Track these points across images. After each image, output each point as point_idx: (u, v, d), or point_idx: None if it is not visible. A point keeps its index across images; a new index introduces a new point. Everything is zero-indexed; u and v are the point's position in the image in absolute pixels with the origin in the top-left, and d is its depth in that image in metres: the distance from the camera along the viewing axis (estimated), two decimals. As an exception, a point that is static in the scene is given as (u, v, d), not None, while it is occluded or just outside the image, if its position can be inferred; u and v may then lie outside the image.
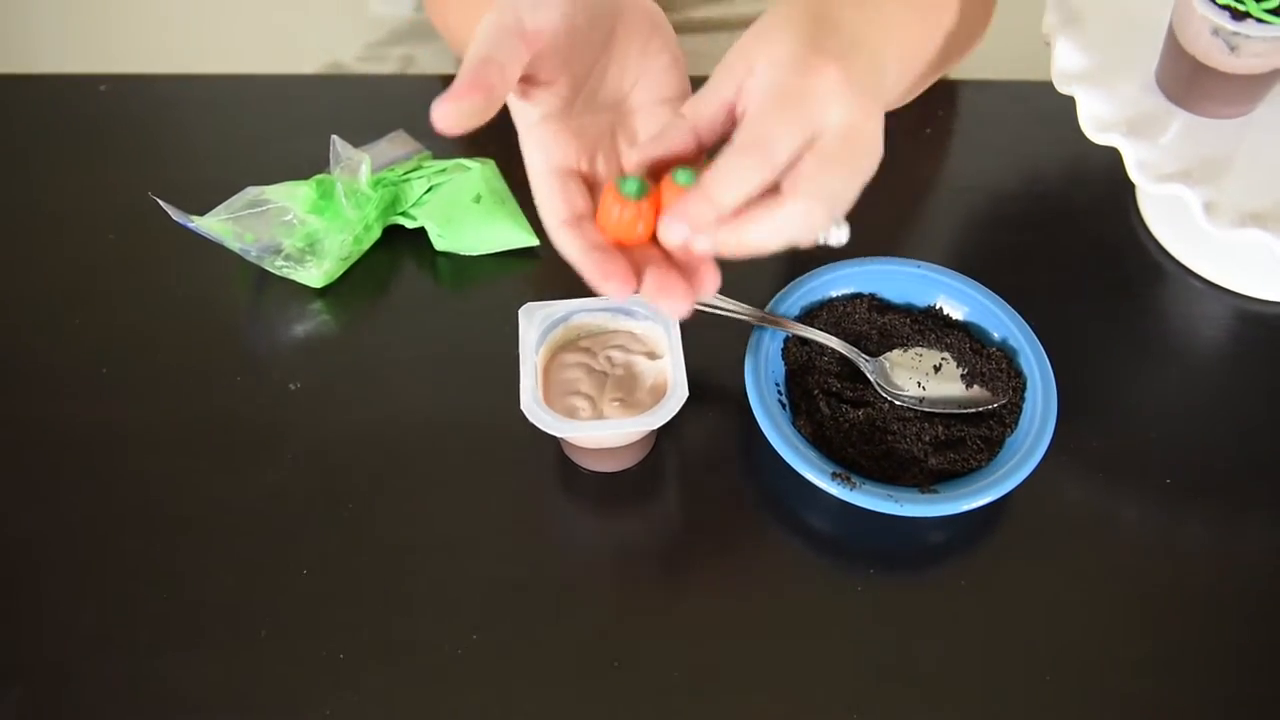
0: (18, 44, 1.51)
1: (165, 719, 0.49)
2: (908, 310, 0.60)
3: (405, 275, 0.65)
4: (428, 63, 0.93)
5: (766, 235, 0.40)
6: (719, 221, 0.40)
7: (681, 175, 0.42)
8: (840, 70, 0.40)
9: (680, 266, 0.42)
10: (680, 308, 0.41)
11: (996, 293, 0.59)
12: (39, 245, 0.67)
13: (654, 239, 0.43)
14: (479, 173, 0.65)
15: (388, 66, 0.95)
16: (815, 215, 0.40)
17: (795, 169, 0.40)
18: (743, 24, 0.86)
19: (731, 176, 0.40)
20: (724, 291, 0.57)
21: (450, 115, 0.38)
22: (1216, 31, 0.56)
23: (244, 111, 0.75)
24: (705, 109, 0.43)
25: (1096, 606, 0.52)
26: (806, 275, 0.60)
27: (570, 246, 0.42)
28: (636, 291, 0.41)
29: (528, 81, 0.43)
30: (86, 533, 0.54)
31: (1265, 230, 0.54)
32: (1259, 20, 0.54)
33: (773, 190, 0.40)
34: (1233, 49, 0.56)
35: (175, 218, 0.61)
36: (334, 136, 0.65)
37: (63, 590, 0.52)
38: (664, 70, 0.46)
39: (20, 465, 0.57)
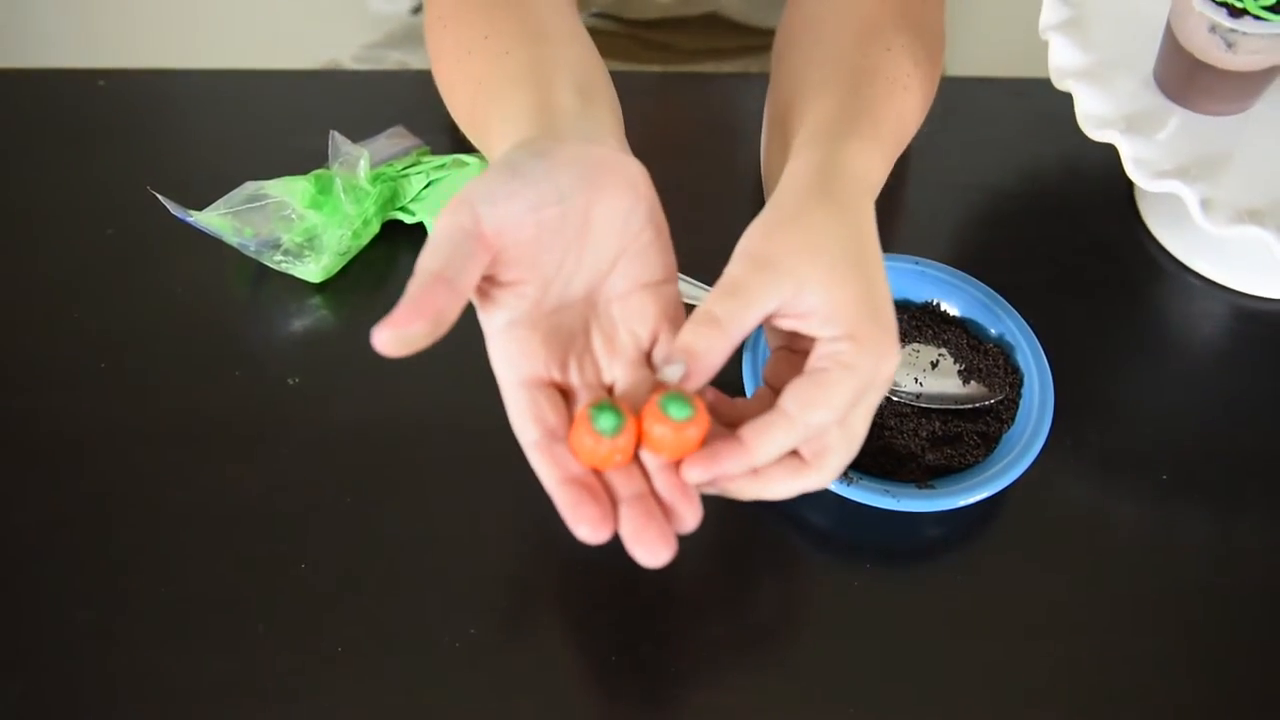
0: (17, 39, 1.51)
1: (165, 712, 0.49)
2: (905, 306, 0.60)
3: (404, 270, 0.65)
4: (425, 64, 0.93)
5: (782, 493, 0.40)
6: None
7: (675, 408, 0.38)
8: (896, 352, 0.41)
9: (660, 499, 0.39)
10: (660, 557, 0.37)
11: (994, 289, 0.59)
12: (37, 240, 0.67)
13: (634, 456, 0.40)
14: (477, 168, 0.65)
15: (386, 66, 0.95)
16: (829, 481, 0.41)
17: (822, 439, 0.40)
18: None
19: (776, 443, 0.39)
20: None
21: (390, 343, 0.36)
22: (1214, 28, 0.56)
23: (243, 107, 0.75)
24: (747, 323, 0.40)
25: (1092, 601, 0.52)
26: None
27: (543, 473, 0.39)
28: (614, 535, 0.38)
29: (490, 282, 0.40)
30: (85, 526, 0.54)
31: (1262, 227, 0.54)
32: (1256, 17, 0.54)
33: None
34: (1230, 46, 0.56)
35: (174, 212, 0.62)
36: (333, 131, 0.65)
37: (62, 584, 0.53)
38: (646, 248, 0.42)
39: (19, 459, 0.57)
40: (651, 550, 0.37)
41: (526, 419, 0.40)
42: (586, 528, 0.37)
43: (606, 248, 0.42)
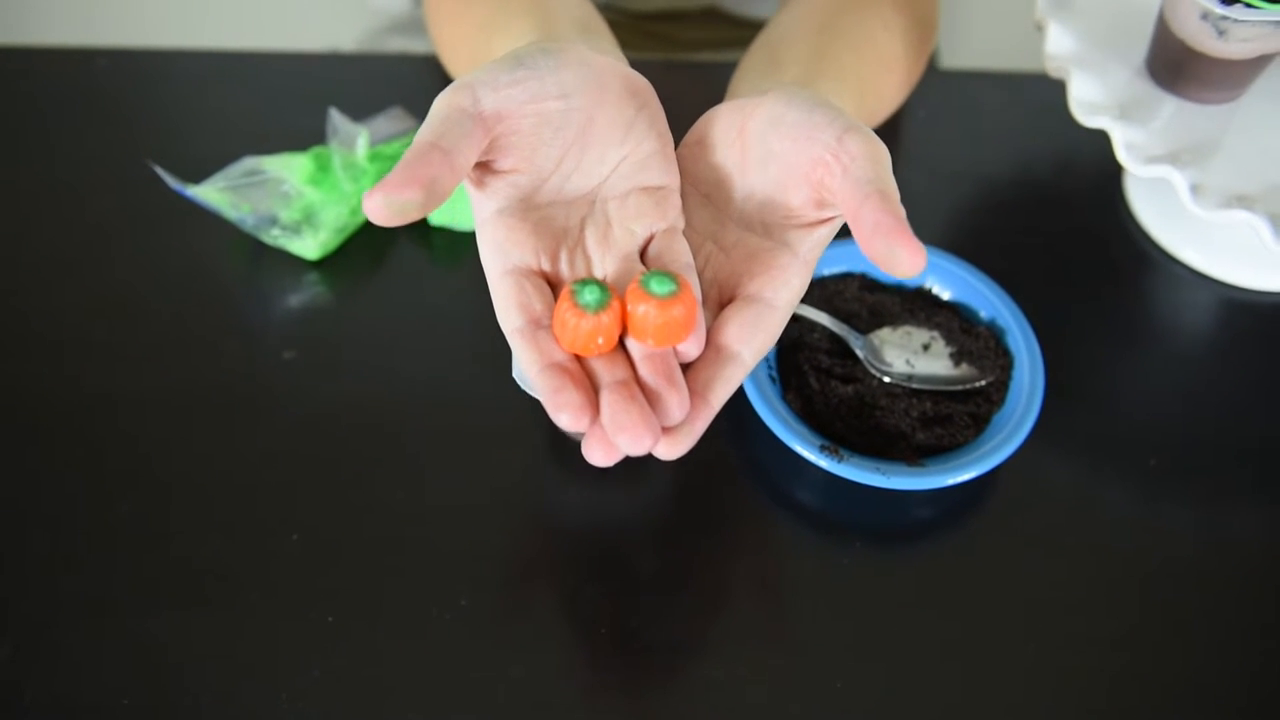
0: (20, 17, 1.51)
1: (154, 679, 0.49)
2: (898, 289, 0.61)
3: (400, 249, 0.66)
4: (425, 50, 0.94)
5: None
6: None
7: (657, 283, 0.37)
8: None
9: (645, 388, 0.37)
10: (643, 443, 0.35)
11: (986, 276, 0.60)
12: (37, 213, 0.67)
13: (620, 344, 0.38)
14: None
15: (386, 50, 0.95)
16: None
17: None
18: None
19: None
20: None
21: (381, 209, 0.34)
22: (1205, 16, 0.56)
23: (244, 87, 0.75)
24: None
25: (1078, 582, 0.53)
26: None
27: (524, 359, 0.37)
28: (594, 422, 0.36)
29: (484, 168, 0.39)
30: (79, 495, 0.55)
31: (1251, 211, 0.54)
32: (1247, 5, 0.55)
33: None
34: (1221, 33, 0.56)
35: (171, 185, 0.62)
36: (331, 109, 0.65)
37: (54, 551, 0.53)
38: (648, 158, 0.42)
39: (14, 427, 0.57)
40: (634, 435, 0.35)
41: (511, 306, 0.38)
42: (567, 415, 0.35)
43: (607, 153, 0.41)
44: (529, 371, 0.37)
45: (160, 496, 0.55)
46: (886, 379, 0.56)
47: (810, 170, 0.40)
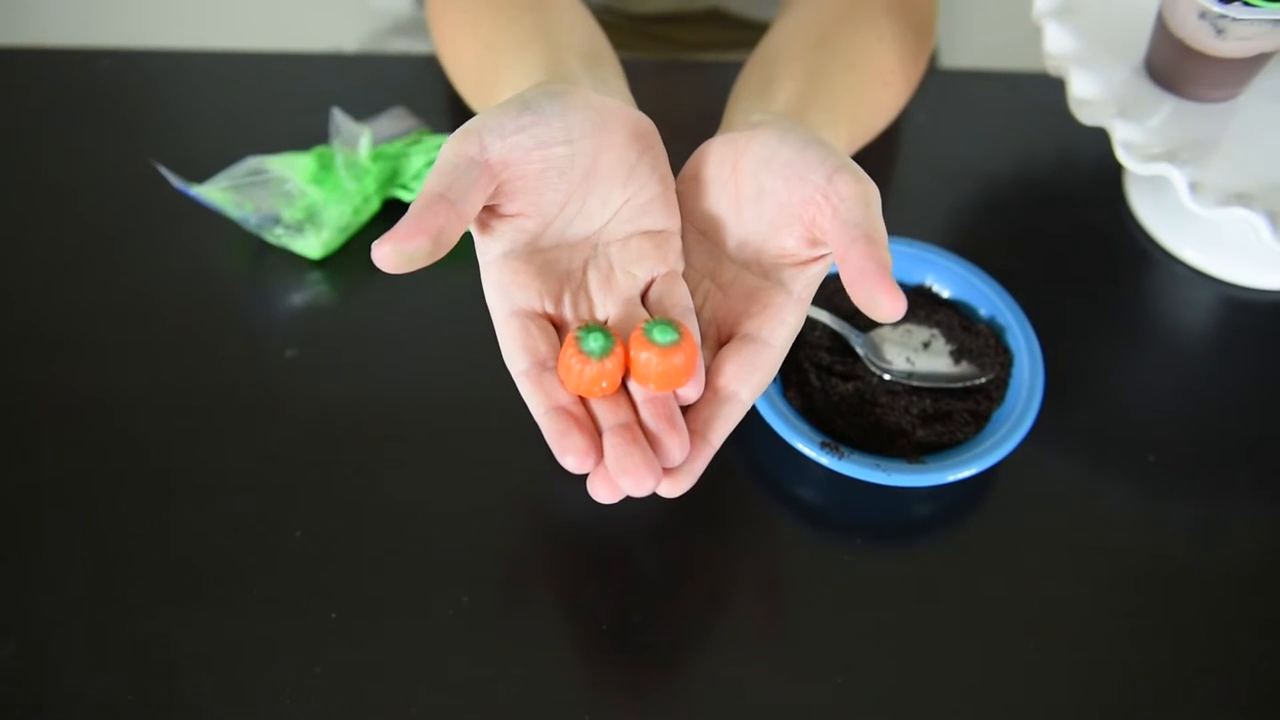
0: (23, 19, 1.52)
1: (157, 676, 0.49)
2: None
3: (402, 248, 0.66)
4: (427, 50, 0.94)
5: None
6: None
7: (659, 332, 0.38)
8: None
9: (647, 431, 0.38)
10: (645, 485, 0.36)
11: (986, 274, 0.60)
12: (39, 214, 0.67)
13: (623, 386, 0.39)
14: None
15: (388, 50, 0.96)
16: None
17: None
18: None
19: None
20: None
21: (391, 258, 0.35)
22: (1204, 14, 0.56)
23: (246, 87, 0.75)
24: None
25: (1078, 579, 0.53)
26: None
27: (531, 401, 0.39)
28: (599, 463, 0.37)
29: (490, 212, 0.40)
30: (82, 493, 0.55)
31: (1250, 209, 0.54)
32: (1245, 3, 0.55)
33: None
34: (1219, 32, 0.57)
35: (175, 184, 0.62)
36: (334, 109, 0.66)
37: (58, 549, 0.53)
38: (651, 202, 0.43)
39: (17, 426, 0.57)
40: (637, 478, 0.36)
41: (517, 348, 0.40)
42: (573, 458, 0.37)
43: (610, 196, 0.42)
44: (534, 413, 0.39)
45: (163, 494, 0.55)
46: (887, 376, 0.56)
47: (802, 210, 0.41)
